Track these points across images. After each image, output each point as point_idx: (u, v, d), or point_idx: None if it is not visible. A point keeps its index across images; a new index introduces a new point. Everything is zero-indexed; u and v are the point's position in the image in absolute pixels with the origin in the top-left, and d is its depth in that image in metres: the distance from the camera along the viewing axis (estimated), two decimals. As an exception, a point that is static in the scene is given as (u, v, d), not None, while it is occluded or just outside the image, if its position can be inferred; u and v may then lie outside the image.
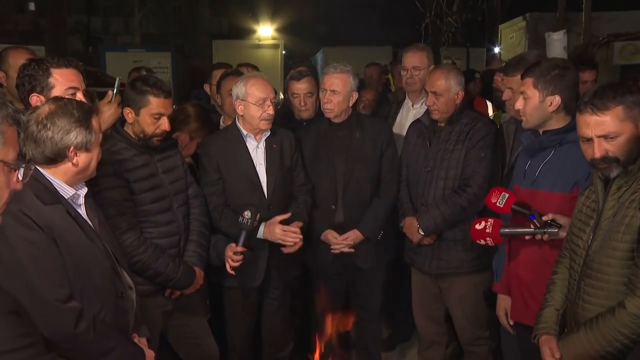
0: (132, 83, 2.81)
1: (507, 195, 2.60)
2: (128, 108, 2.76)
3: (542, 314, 2.34)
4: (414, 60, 3.78)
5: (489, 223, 2.59)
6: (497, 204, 2.61)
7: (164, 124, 2.78)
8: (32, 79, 2.44)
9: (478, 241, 2.64)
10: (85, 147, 2.10)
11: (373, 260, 3.48)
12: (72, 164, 2.09)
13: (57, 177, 2.10)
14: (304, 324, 3.84)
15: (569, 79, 2.51)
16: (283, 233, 3.11)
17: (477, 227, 2.62)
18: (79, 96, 2.43)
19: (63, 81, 2.44)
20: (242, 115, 3.17)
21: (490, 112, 4.98)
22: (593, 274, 2.12)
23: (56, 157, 2.08)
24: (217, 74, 4.22)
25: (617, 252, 2.05)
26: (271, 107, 3.12)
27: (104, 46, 18.79)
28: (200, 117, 3.37)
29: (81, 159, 2.11)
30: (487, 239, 2.60)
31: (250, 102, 3.11)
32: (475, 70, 7.04)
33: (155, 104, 2.74)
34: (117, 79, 2.85)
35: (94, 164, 2.17)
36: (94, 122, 2.14)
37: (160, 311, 2.87)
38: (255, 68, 4.84)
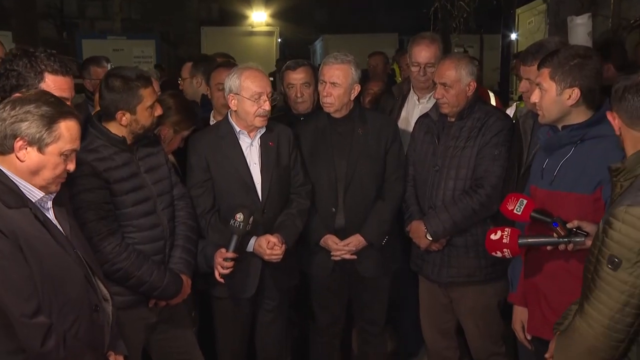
0: (110, 85, 2.74)
1: (525, 202, 2.57)
2: (120, 112, 2.74)
3: (570, 308, 2.32)
4: (428, 55, 3.75)
5: (505, 232, 2.54)
6: (515, 211, 2.58)
7: (158, 109, 2.85)
8: (21, 78, 2.42)
9: (494, 253, 2.59)
10: (37, 145, 2.05)
11: (377, 268, 3.50)
12: (17, 157, 2.05)
13: (18, 176, 2.06)
14: (302, 337, 3.86)
15: (590, 69, 2.51)
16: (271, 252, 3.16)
17: (493, 237, 2.57)
18: None
19: (55, 89, 2.43)
20: (235, 111, 3.19)
21: (493, 103, 4.97)
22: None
23: (3, 145, 2.04)
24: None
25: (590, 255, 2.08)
26: (267, 103, 3.13)
27: (80, 32, 18.74)
28: (181, 108, 3.36)
29: (29, 156, 2.05)
30: (504, 250, 2.55)
31: (245, 97, 3.12)
32: (474, 58, 7.01)
33: (147, 95, 2.77)
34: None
35: (47, 174, 2.10)
36: (64, 127, 2.09)
37: (143, 324, 2.88)
38: (230, 57, 4.89)
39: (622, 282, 1.89)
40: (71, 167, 2.17)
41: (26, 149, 2.05)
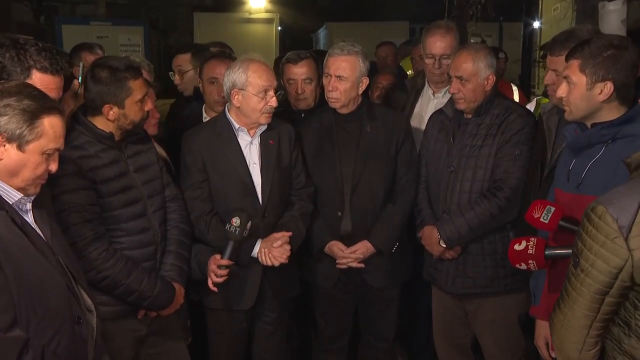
0: (96, 76, 2.74)
1: (553, 209, 2.56)
2: (107, 105, 2.74)
3: None
4: (443, 46, 3.77)
5: (531, 242, 2.52)
6: (541, 219, 2.57)
7: (149, 103, 2.86)
8: (5, 71, 2.39)
9: (517, 265, 2.58)
10: (17, 142, 2.04)
11: (386, 277, 3.52)
12: None
13: None
14: (302, 350, 3.87)
15: (625, 62, 2.47)
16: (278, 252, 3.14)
17: (517, 247, 2.55)
18: None
19: (41, 88, 2.36)
20: (238, 107, 3.20)
21: (516, 98, 4.98)
22: None
23: None
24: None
25: None
26: (274, 99, 3.16)
27: (60, 17, 18.72)
28: None
29: (8, 154, 2.05)
30: (530, 261, 2.53)
31: (251, 93, 3.14)
32: (500, 49, 6.97)
33: (137, 87, 2.78)
34: (81, 65, 2.85)
35: (27, 174, 2.09)
36: (47, 124, 2.08)
37: (131, 337, 2.89)
38: (227, 47, 4.89)
39: (579, 281, 1.94)
40: (53, 167, 2.16)
41: (4, 146, 2.05)
